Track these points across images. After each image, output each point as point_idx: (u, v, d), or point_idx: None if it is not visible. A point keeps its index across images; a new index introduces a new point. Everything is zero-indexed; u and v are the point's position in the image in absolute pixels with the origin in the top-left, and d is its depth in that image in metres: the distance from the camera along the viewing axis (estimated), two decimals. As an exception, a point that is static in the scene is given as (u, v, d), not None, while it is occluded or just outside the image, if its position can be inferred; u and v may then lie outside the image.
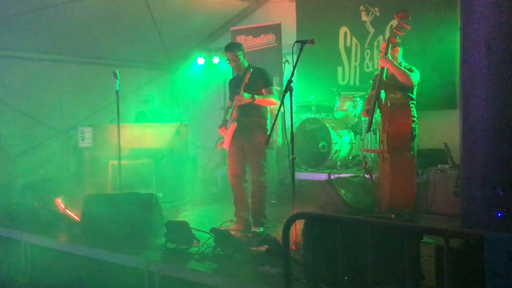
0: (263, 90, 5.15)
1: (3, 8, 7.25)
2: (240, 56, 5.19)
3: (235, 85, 5.34)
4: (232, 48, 5.23)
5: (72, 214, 5.68)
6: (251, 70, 5.01)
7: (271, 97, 5.19)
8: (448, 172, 5.71)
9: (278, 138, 7.04)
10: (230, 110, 5.34)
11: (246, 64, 5.27)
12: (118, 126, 5.97)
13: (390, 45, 5.19)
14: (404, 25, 5.06)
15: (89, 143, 7.19)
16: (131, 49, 9.30)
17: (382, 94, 5.12)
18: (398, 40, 5.19)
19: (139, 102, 8.49)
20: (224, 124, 5.37)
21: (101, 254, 4.67)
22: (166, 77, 10.70)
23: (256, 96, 5.06)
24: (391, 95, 5.07)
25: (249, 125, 5.16)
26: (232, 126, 5.13)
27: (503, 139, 3.17)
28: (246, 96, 5.01)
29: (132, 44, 9.16)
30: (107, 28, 8.48)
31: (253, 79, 5.06)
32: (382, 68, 5.21)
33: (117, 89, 5.98)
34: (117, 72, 5.97)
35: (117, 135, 5.95)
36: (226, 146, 5.27)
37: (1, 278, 5.25)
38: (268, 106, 7.08)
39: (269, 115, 6.90)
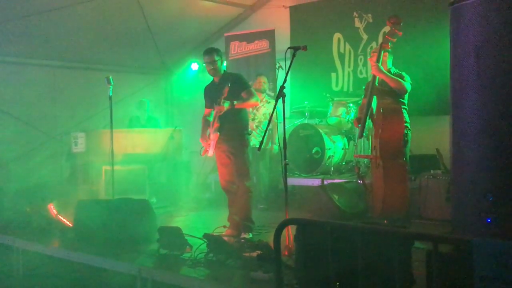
0: (243, 94, 5.17)
1: (-3, 14, 7.25)
2: (217, 61, 5.21)
3: (211, 93, 5.36)
4: (211, 51, 5.25)
5: (65, 220, 5.67)
6: (229, 85, 5.03)
7: (252, 99, 5.21)
8: (440, 177, 5.73)
9: (274, 146, 7.05)
10: (209, 118, 5.37)
11: (222, 71, 5.30)
12: (111, 132, 5.97)
13: (382, 52, 5.22)
14: (396, 31, 5.10)
15: (82, 149, 7.18)
16: (126, 55, 9.31)
17: (375, 100, 5.14)
18: (390, 46, 5.22)
19: (133, 108, 8.49)
20: (204, 133, 5.37)
21: (94, 260, 4.67)
22: (161, 82, 10.70)
23: (235, 102, 5.08)
24: (384, 101, 5.10)
25: (230, 132, 5.18)
26: (215, 135, 5.14)
27: (493, 146, 3.20)
28: (226, 105, 5.04)
29: (126, 50, 9.17)
30: (101, 34, 8.49)
31: (231, 88, 5.08)
32: (374, 75, 5.24)
33: (110, 94, 5.99)
34: (111, 77, 5.99)
35: (111, 140, 5.95)
36: (210, 154, 5.27)
37: (-7, 284, 5.24)
38: (257, 112, 7.09)
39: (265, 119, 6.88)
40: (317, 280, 3.16)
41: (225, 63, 8.32)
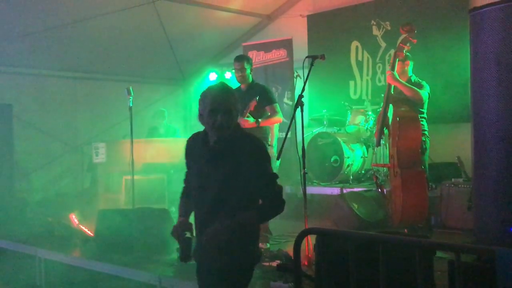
0: (267, 108, 5.20)
1: (19, 26, 7.40)
2: (247, 68, 5.26)
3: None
4: (241, 58, 5.36)
5: (86, 230, 5.72)
6: (257, 99, 5.06)
7: (275, 116, 5.24)
8: (462, 186, 5.65)
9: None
10: None
11: (250, 79, 5.34)
12: (131, 142, 6.03)
13: (397, 60, 5.19)
14: (410, 38, 5.07)
15: (103, 159, 7.26)
16: (145, 66, 9.41)
17: (391, 108, 5.11)
18: (405, 53, 5.19)
19: (152, 118, 8.56)
20: None
21: (115, 269, 4.70)
22: (179, 92, 10.79)
23: (260, 120, 5.11)
24: (400, 109, 5.06)
25: None
26: None
27: (515, 153, 3.16)
28: (251, 120, 5.06)
29: (145, 61, 9.27)
30: (121, 45, 8.60)
31: (258, 101, 5.11)
32: (389, 84, 5.21)
33: (131, 105, 6.06)
34: (131, 88, 6.06)
35: (131, 150, 6.00)
36: None
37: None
38: None
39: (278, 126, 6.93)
40: (337, 290, 3.14)
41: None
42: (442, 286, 3.32)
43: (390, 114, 5.10)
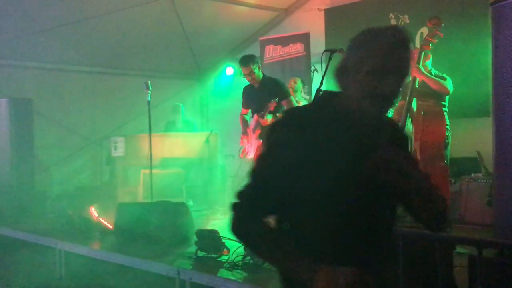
0: (282, 102, 5.20)
1: (39, 22, 7.49)
2: (255, 70, 5.22)
3: (251, 97, 5.42)
4: (247, 62, 5.23)
5: (106, 222, 5.79)
6: (277, 100, 5.08)
7: None
8: (482, 181, 5.60)
9: None
10: (246, 117, 5.44)
11: (261, 76, 5.31)
12: (150, 136, 6.07)
13: (423, 53, 5.14)
14: (437, 32, 5.02)
15: (121, 153, 7.33)
16: (162, 60, 9.46)
17: (414, 102, 5.07)
18: (431, 47, 5.14)
19: (171, 112, 8.62)
20: (245, 133, 5.44)
21: (133, 261, 4.75)
22: (196, 87, 10.82)
23: (278, 115, 5.13)
24: (424, 103, 5.02)
25: None
26: (258, 142, 5.23)
27: (537, 148, 3.12)
28: (269, 118, 5.10)
29: (163, 55, 9.32)
30: (139, 40, 8.65)
31: (271, 95, 5.13)
32: (414, 77, 5.16)
33: (149, 99, 6.10)
34: (149, 83, 6.10)
35: (149, 144, 6.05)
36: (250, 156, 5.36)
37: (37, 285, 5.38)
38: None
39: None
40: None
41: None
42: (461, 281, 3.29)
43: (413, 107, 5.06)
